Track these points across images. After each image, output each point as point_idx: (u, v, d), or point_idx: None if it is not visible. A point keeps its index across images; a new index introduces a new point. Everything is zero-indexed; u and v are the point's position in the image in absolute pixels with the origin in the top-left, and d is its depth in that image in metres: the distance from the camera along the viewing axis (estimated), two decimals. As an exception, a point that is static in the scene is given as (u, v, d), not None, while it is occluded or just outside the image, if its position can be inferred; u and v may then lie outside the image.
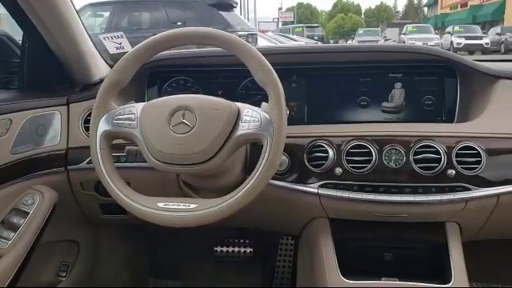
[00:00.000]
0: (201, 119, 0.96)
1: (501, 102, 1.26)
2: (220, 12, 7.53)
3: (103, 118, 1.03)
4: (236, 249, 1.86)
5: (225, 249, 1.85)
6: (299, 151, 1.23)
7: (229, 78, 1.45)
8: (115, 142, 1.05)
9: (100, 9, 8.44)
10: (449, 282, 1.18)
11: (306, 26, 26.18)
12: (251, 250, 1.85)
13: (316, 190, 1.22)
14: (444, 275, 1.21)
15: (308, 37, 19.92)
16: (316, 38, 20.77)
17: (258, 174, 0.94)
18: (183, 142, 0.95)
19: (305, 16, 69.97)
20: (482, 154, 1.16)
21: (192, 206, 0.96)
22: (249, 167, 1.20)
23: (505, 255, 1.70)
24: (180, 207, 0.96)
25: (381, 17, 77.16)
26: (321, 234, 1.31)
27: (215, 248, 1.86)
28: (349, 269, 1.23)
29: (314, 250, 1.32)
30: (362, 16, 78.97)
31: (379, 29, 35.91)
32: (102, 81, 1.07)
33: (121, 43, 1.57)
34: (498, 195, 1.18)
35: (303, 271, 1.56)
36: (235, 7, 8.35)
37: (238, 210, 0.95)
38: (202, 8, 7.48)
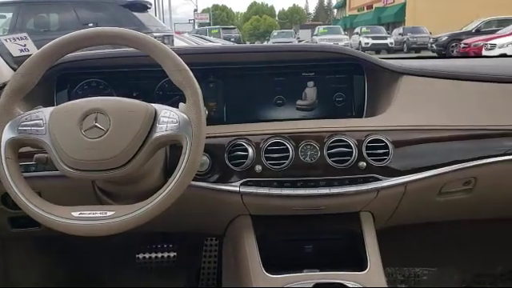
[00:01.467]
0: (115, 122, 0.93)
1: (405, 96, 1.34)
2: (134, 13, 7.34)
3: (7, 125, 0.96)
4: (159, 254, 1.82)
5: (147, 255, 1.81)
6: (220, 151, 1.23)
7: (144, 78, 1.41)
8: (22, 150, 0.99)
9: (1, 9, 7.85)
10: (365, 269, 1.24)
11: (223, 28, 26.21)
12: (175, 254, 1.82)
13: (238, 189, 1.23)
14: (361, 262, 1.27)
15: (225, 38, 19.93)
16: (232, 39, 20.85)
17: (178, 176, 0.93)
18: (96, 147, 0.91)
19: (221, 18, 70.25)
20: (390, 145, 1.23)
21: (109, 213, 0.92)
22: (169, 170, 1.18)
23: (415, 239, 1.82)
24: (96, 215, 0.92)
25: (294, 18, 79.47)
26: (244, 231, 1.32)
27: (137, 255, 1.81)
28: (272, 264, 1.26)
29: (238, 248, 1.33)
30: (276, 18, 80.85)
31: (293, 30, 36.87)
32: (4, 85, 1.00)
33: (25, 45, 1.48)
34: (405, 184, 1.26)
35: (228, 270, 1.57)
36: (149, 8, 8.17)
37: (158, 214, 0.93)
38: (114, 9, 7.23)
